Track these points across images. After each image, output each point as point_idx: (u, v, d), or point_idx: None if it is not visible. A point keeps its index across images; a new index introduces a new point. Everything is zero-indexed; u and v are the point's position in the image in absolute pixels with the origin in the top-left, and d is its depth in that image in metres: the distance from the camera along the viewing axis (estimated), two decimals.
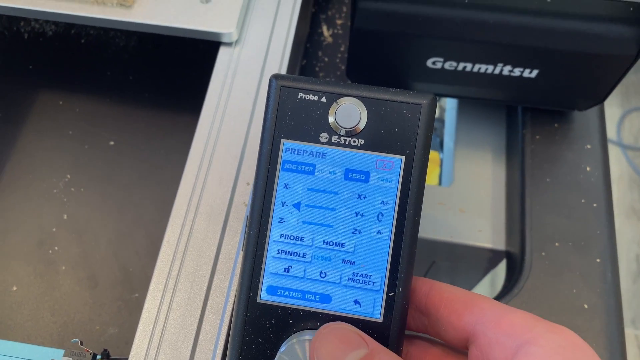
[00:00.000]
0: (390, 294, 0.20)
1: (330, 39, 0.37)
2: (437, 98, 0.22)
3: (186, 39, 0.30)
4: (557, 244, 0.31)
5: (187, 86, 0.34)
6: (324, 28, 0.38)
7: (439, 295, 0.20)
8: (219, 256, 0.24)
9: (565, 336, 0.16)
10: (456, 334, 0.19)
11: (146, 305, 0.23)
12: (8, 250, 0.30)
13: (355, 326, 0.19)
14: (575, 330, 0.17)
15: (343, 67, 0.36)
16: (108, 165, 0.32)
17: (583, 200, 0.32)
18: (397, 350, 0.20)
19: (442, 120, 0.46)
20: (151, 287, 0.23)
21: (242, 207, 0.25)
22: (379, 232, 0.20)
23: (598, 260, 0.31)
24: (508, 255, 0.32)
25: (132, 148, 0.32)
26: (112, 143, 0.33)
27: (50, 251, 0.30)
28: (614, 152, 1.26)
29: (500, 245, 0.32)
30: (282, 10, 0.31)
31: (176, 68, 0.34)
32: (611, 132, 1.28)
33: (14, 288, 0.29)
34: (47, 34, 0.35)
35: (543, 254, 0.30)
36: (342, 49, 0.37)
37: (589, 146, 0.34)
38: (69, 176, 0.32)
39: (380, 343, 0.19)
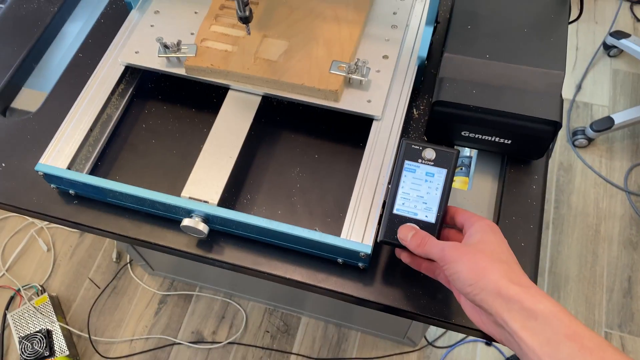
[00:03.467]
0: (438, 214, 0.59)
1: (416, 115, 0.77)
2: (461, 150, 0.61)
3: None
4: (514, 218, 0.69)
5: (349, 136, 0.75)
6: (414, 110, 0.78)
7: (456, 213, 0.59)
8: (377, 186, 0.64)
9: (487, 222, 0.55)
10: (459, 224, 0.58)
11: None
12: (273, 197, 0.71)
13: (421, 225, 0.58)
14: None
15: (423, 129, 0.76)
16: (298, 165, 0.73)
17: (530, 201, 0.70)
18: (439, 234, 0.59)
19: (470, 158, 0.85)
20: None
21: (386, 185, 0.65)
22: (436, 193, 0.59)
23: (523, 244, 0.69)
24: None
25: (313, 168, 0.73)
26: (298, 171, 0.74)
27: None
28: (620, 196, 1.59)
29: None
30: (400, 102, 0.71)
31: (343, 122, 0.75)
32: (619, 180, 1.61)
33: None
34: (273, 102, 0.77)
35: (507, 222, 0.68)
36: (422, 121, 0.77)
37: (536, 176, 0.72)
38: (298, 169, 0.73)
39: (432, 233, 0.58)
